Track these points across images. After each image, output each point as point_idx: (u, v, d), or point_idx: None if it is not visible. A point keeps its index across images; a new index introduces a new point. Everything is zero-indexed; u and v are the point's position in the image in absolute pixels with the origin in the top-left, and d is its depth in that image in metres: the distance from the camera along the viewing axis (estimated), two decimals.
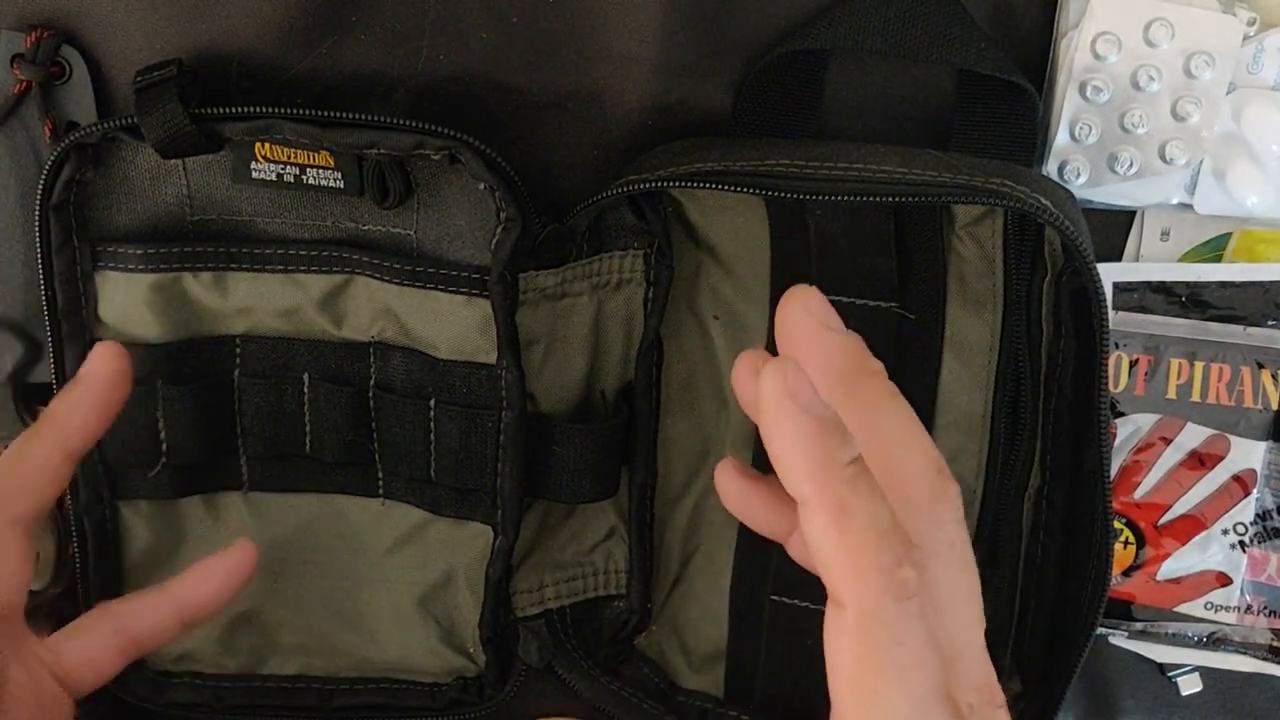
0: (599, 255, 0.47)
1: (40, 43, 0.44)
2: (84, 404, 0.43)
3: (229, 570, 0.45)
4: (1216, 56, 0.45)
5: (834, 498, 0.30)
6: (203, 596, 0.44)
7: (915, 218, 0.46)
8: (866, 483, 0.30)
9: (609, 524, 0.51)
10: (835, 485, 0.30)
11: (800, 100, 0.47)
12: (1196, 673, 0.53)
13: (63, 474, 0.43)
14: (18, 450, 0.42)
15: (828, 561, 0.30)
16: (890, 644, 0.30)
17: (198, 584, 0.44)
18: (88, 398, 0.43)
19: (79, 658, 0.42)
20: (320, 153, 0.44)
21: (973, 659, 0.33)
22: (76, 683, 0.42)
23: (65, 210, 0.44)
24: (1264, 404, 0.50)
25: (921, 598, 0.30)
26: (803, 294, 0.32)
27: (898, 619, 0.30)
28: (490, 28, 0.46)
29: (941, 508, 0.32)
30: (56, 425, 0.43)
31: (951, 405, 0.48)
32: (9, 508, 0.41)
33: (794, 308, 0.32)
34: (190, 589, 0.44)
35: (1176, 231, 0.49)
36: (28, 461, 0.42)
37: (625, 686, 0.51)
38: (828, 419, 0.31)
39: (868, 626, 0.30)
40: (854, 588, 0.30)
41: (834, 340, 0.32)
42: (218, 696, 0.50)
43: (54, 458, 0.42)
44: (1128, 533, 0.51)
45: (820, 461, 0.30)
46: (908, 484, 0.32)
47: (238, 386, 0.48)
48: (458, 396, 0.47)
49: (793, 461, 0.30)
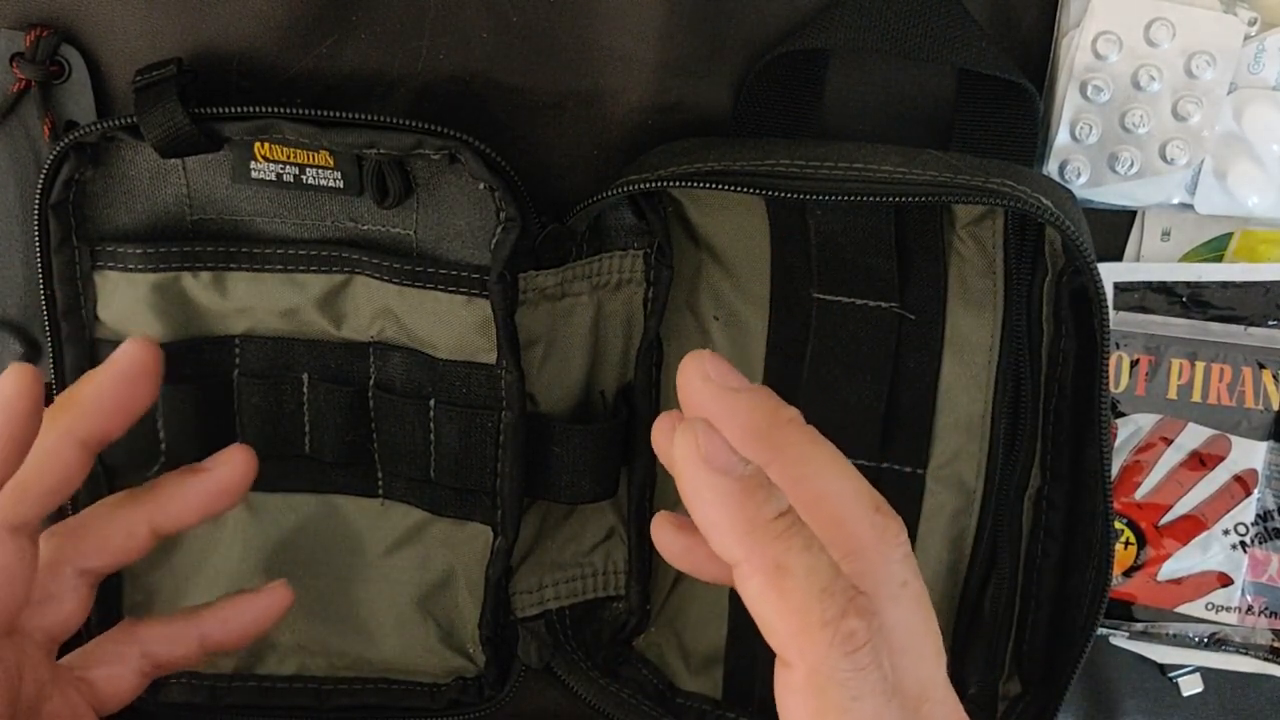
0: (599, 255, 0.47)
1: (39, 42, 0.44)
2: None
3: (261, 610, 0.44)
4: (1217, 56, 0.45)
5: (766, 557, 0.29)
6: (230, 633, 0.44)
7: (915, 218, 0.46)
8: (800, 535, 0.29)
9: (608, 525, 0.51)
10: (766, 544, 0.29)
11: (800, 100, 0.47)
12: (1197, 673, 0.53)
13: (143, 545, 0.41)
14: (110, 507, 0.42)
15: (770, 624, 0.29)
16: (845, 701, 0.29)
17: (228, 620, 0.44)
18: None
19: (107, 685, 0.42)
20: (320, 152, 0.44)
21: (939, 696, 0.31)
22: (104, 705, 0.42)
23: (64, 210, 0.44)
24: (1265, 404, 0.50)
25: (875, 644, 0.29)
26: (696, 361, 0.31)
27: (849, 674, 0.29)
28: (490, 27, 0.46)
29: (887, 547, 0.31)
30: (154, 499, 0.41)
31: (952, 405, 0.48)
32: (82, 560, 0.41)
33: (691, 376, 0.31)
34: (220, 624, 0.44)
35: (1177, 231, 0.49)
36: (116, 524, 0.41)
37: (624, 688, 0.51)
38: (748, 476, 0.30)
39: (819, 685, 0.29)
40: (800, 648, 0.29)
41: (740, 399, 0.31)
42: (214, 696, 0.50)
43: (140, 529, 0.41)
44: (1128, 533, 0.51)
45: (746, 521, 0.29)
46: (847, 530, 0.31)
47: (237, 386, 0.48)
48: (457, 396, 0.47)
49: (717, 526, 0.29)
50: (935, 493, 0.49)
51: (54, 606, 0.40)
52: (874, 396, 0.48)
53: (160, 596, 0.49)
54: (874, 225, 0.46)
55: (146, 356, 0.40)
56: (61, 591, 0.40)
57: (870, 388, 0.48)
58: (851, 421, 0.48)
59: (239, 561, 0.49)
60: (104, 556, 0.41)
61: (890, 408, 0.48)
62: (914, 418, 0.48)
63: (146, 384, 0.40)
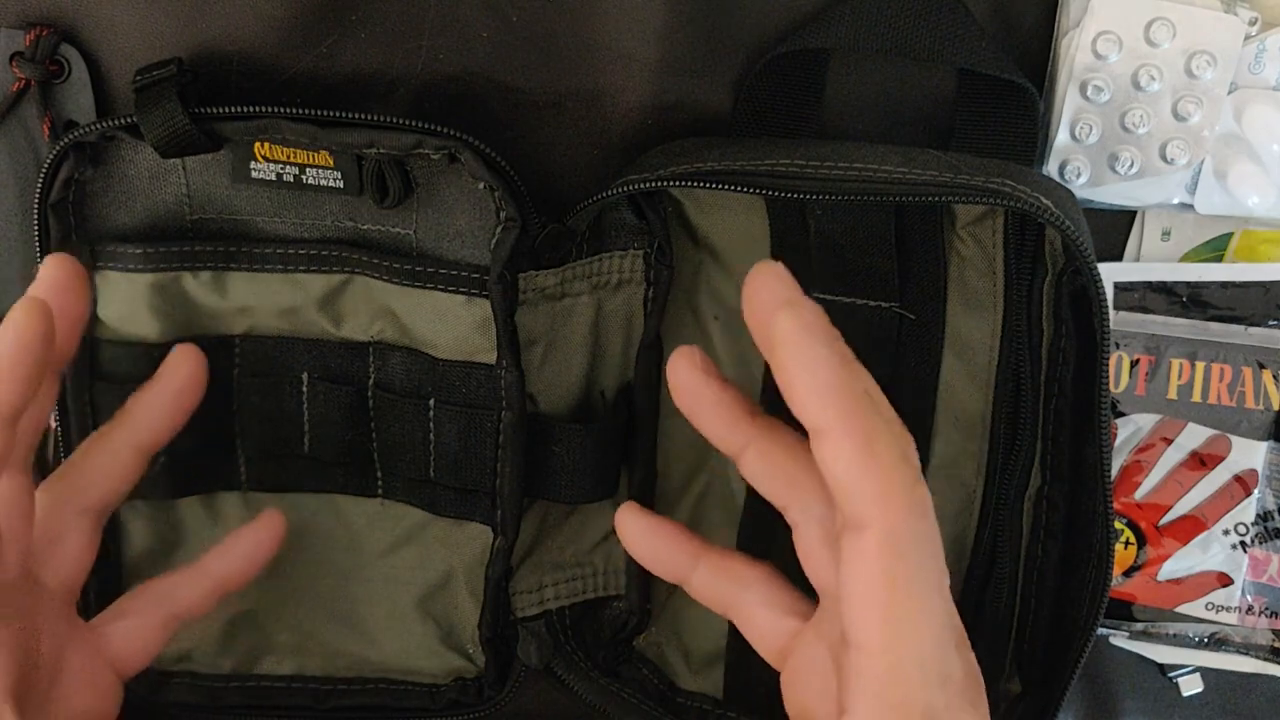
0: (599, 255, 0.47)
1: (39, 41, 0.44)
2: (158, 403, 0.44)
3: (258, 540, 0.46)
4: (1218, 56, 0.45)
5: (860, 424, 0.32)
6: (237, 567, 0.46)
7: (916, 217, 0.46)
8: (885, 409, 0.33)
9: (608, 524, 0.51)
10: (861, 413, 0.32)
11: (800, 100, 0.47)
12: (1197, 673, 0.53)
13: (132, 470, 0.44)
14: (92, 444, 0.44)
15: (855, 486, 0.32)
16: (919, 562, 0.32)
17: (230, 555, 0.46)
18: (162, 397, 0.44)
19: (126, 641, 0.43)
20: (319, 152, 0.44)
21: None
22: (124, 665, 0.43)
23: (64, 209, 0.44)
24: (1265, 404, 0.50)
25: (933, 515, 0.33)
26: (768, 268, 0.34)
27: (925, 536, 0.32)
28: (490, 27, 0.46)
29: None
30: (129, 422, 0.44)
31: (952, 405, 0.48)
32: (79, 498, 0.43)
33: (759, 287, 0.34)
34: (225, 563, 0.46)
35: (1177, 231, 0.49)
36: (100, 455, 0.44)
37: (625, 688, 0.51)
38: (846, 352, 0.33)
39: (896, 545, 0.32)
40: (883, 508, 0.31)
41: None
42: (214, 696, 0.50)
43: (124, 454, 0.44)
44: (1128, 533, 0.51)
45: (846, 390, 0.32)
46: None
47: (236, 386, 0.48)
48: (457, 396, 0.47)
49: (819, 392, 0.32)
50: (935, 492, 0.48)
51: (60, 549, 0.42)
52: None
53: None
54: (874, 225, 0.46)
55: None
56: (64, 532, 0.42)
57: None
58: None
59: None
60: (97, 489, 0.43)
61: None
62: (914, 417, 0.48)
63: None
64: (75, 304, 0.41)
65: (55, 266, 0.40)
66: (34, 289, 0.40)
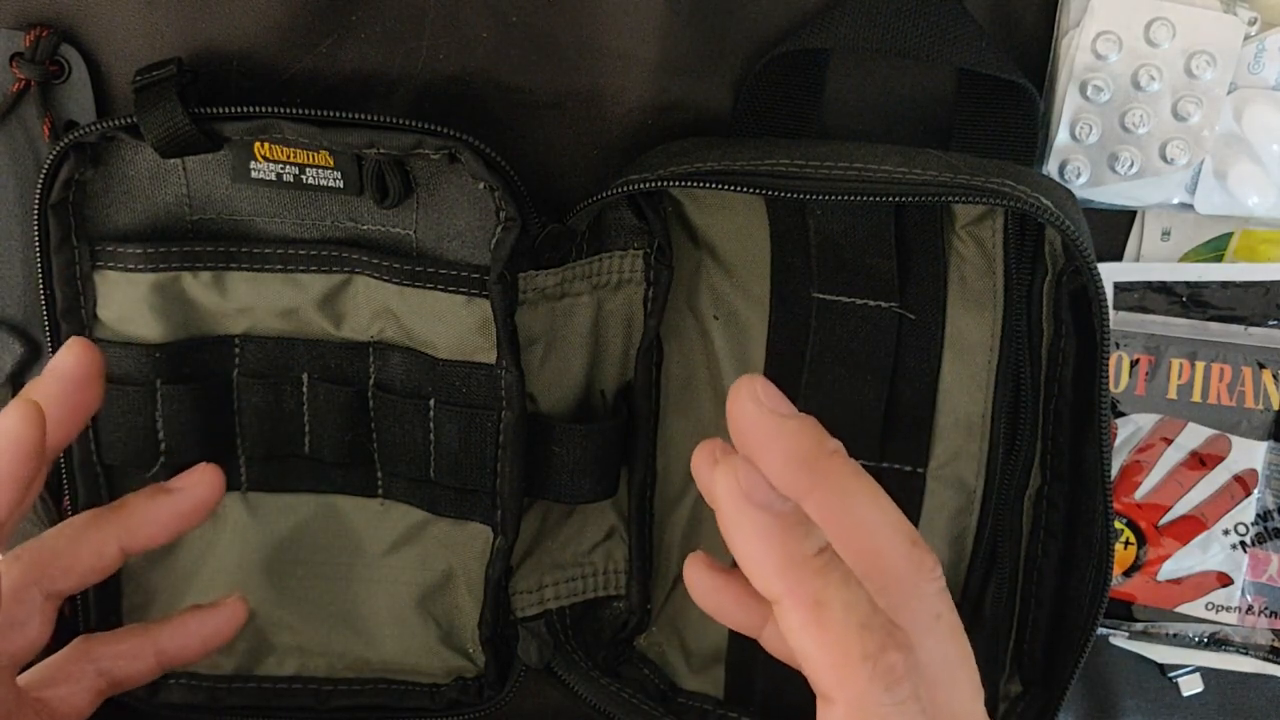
0: (599, 255, 0.47)
1: (39, 41, 0.44)
2: (163, 516, 0.43)
3: (217, 626, 0.45)
4: (1217, 56, 0.45)
5: (807, 592, 0.29)
6: (186, 648, 0.44)
7: (915, 217, 0.46)
8: (838, 571, 0.30)
9: (609, 524, 0.51)
10: (806, 579, 0.29)
11: (800, 100, 0.47)
12: (1197, 673, 0.53)
13: (112, 567, 0.42)
14: (77, 529, 0.42)
15: (810, 658, 0.29)
16: None
17: (184, 635, 0.44)
18: (171, 510, 0.43)
19: (63, 705, 0.42)
20: (319, 152, 0.44)
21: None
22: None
23: (64, 210, 0.44)
24: (1265, 404, 0.50)
25: (913, 679, 0.29)
26: (749, 384, 0.31)
27: (889, 708, 0.29)
28: (490, 27, 0.46)
29: (922, 580, 0.32)
30: (124, 521, 0.42)
31: (952, 405, 0.48)
32: (51, 583, 0.41)
33: (743, 398, 0.31)
34: (175, 639, 0.44)
35: (1177, 231, 0.49)
36: (85, 546, 0.42)
37: (625, 687, 0.51)
38: (787, 513, 0.30)
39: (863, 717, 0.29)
40: (841, 682, 0.29)
41: (789, 426, 0.31)
42: (214, 697, 0.50)
43: (110, 551, 0.42)
44: (1128, 533, 0.51)
45: (787, 557, 0.29)
46: (884, 562, 0.31)
47: (236, 386, 0.48)
48: (457, 396, 0.47)
49: (758, 561, 0.30)
50: (935, 492, 0.49)
51: (20, 631, 0.40)
52: (874, 396, 0.48)
53: (160, 597, 0.49)
54: (874, 225, 0.46)
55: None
56: (29, 616, 0.41)
57: (870, 387, 0.48)
58: (852, 421, 0.48)
59: (238, 562, 0.49)
60: (71, 578, 0.42)
61: (890, 407, 0.48)
62: (914, 417, 0.48)
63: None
64: (89, 399, 0.40)
65: (73, 358, 0.39)
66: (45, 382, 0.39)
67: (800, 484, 0.31)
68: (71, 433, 0.41)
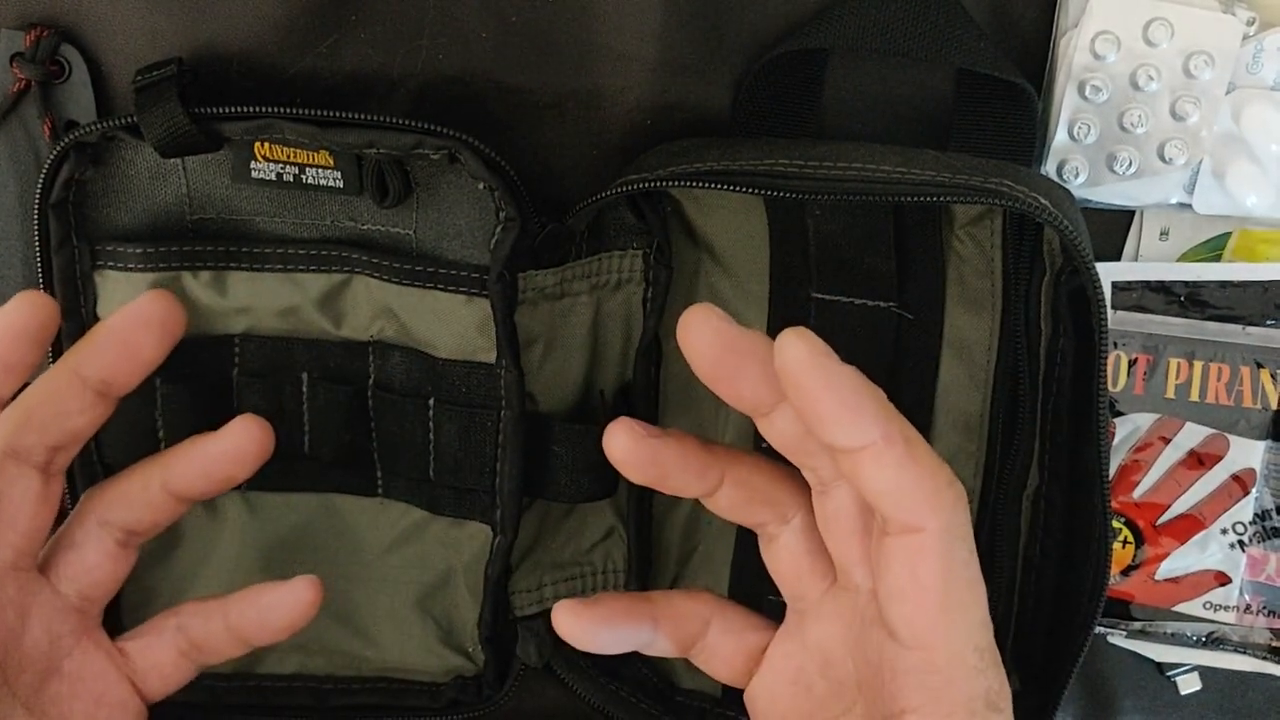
0: (598, 255, 0.47)
1: (39, 41, 0.44)
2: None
3: (283, 599, 0.43)
4: (1216, 56, 0.45)
5: (897, 432, 0.33)
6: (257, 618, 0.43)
7: (914, 218, 0.46)
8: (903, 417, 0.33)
9: (608, 524, 0.51)
10: (895, 420, 0.33)
11: (800, 100, 0.47)
12: (1195, 672, 0.53)
13: (164, 512, 0.42)
14: (133, 471, 0.43)
15: (904, 492, 0.32)
16: (969, 551, 0.33)
17: (253, 606, 0.43)
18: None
19: (144, 659, 0.42)
20: (319, 152, 0.44)
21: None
22: (145, 686, 0.42)
23: (64, 209, 0.44)
24: (1263, 404, 0.50)
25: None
26: (798, 333, 0.34)
27: (967, 529, 0.33)
28: (490, 27, 0.46)
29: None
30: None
31: (950, 405, 0.48)
32: (104, 511, 0.42)
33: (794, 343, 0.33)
34: (245, 609, 0.43)
35: (1175, 231, 0.49)
36: (133, 484, 0.42)
37: (624, 686, 0.51)
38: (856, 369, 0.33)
39: (949, 542, 0.32)
40: (935, 508, 0.32)
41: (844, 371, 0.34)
42: (214, 695, 0.50)
43: (153, 489, 0.42)
44: (1126, 532, 0.52)
45: (879, 402, 0.33)
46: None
47: (236, 386, 0.48)
48: (457, 396, 0.47)
49: (853, 409, 0.32)
50: None
51: (75, 554, 0.41)
52: None
53: (159, 597, 0.49)
54: (873, 225, 0.46)
55: (157, 307, 0.40)
56: (84, 540, 0.41)
57: None
58: None
59: (238, 561, 0.49)
60: (123, 509, 0.42)
61: None
62: (913, 417, 0.48)
63: (153, 334, 0.40)
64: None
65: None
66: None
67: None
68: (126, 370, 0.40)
